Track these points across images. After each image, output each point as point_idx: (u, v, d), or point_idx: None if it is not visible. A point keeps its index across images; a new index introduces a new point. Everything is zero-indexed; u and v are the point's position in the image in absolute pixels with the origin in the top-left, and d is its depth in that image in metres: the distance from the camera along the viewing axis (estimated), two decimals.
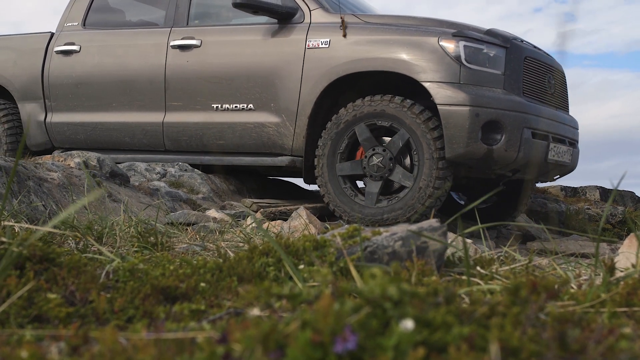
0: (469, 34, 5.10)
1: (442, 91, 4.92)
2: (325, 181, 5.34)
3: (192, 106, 6.03)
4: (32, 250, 1.61)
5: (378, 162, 5.11)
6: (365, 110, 5.18)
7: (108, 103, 6.46)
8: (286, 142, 5.62)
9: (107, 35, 6.68)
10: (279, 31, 5.71)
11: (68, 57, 6.70)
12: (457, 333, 0.88)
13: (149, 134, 6.26)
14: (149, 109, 6.25)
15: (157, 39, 6.32)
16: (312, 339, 0.86)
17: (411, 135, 5.02)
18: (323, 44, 5.44)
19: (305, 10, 5.69)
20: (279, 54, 5.65)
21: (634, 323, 1.33)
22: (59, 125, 6.72)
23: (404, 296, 0.90)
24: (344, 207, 5.24)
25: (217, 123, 5.89)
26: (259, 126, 5.70)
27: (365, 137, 5.18)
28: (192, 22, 6.31)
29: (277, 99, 5.62)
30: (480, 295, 1.54)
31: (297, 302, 1.11)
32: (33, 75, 6.87)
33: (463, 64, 4.97)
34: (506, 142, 4.91)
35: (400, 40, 5.16)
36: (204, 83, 5.96)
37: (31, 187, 3.56)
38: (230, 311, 1.38)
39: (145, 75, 6.25)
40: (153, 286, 1.56)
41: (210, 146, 5.99)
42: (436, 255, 1.92)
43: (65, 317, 1.38)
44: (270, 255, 1.80)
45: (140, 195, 4.98)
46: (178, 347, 1.01)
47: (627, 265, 2.09)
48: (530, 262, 2.06)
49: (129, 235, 2.61)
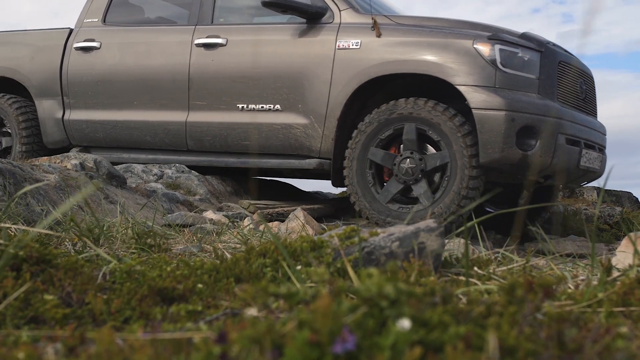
0: (504, 37, 5.03)
1: (477, 95, 4.85)
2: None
3: (216, 106, 5.93)
4: (29, 251, 1.61)
5: (409, 167, 5.03)
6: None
7: (129, 101, 6.36)
8: (314, 144, 5.54)
9: (128, 33, 6.57)
10: (308, 31, 5.63)
11: (88, 53, 6.59)
12: (453, 332, 0.88)
13: (171, 133, 6.15)
14: (172, 107, 6.14)
15: (180, 37, 6.22)
16: (309, 338, 0.86)
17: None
18: (354, 45, 5.36)
19: (335, 10, 5.60)
20: (307, 54, 5.57)
21: (630, 322, 1.34)
22: (78, 122, 6.61)
23: (400, 295, 0.90)
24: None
25: (243, 123, 5.79)
26: (286, 127, 5.61)
27: (409, 138, 5.09)
28: (216, 20, 6.21)
29: (305, 100, 5.53)
30: (477, 295, 1.54)
31: (294, 301, 1.10)
32: (51, 71, 6.76)
33: (498, 67, 4.90)
34: (541, 148, 4.83)
35: (433, 42, 5.09)
36: (230, 82, 5.87)
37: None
38: (228, 312, 1.38)
39: (169, 74, 6.15)
40: (150, 287, 1.56)
41: (235, 147, 5.89)
42: (434, 255, 1.92)
43: (62, 318, 1.38)
44: (268, 256, 1.80)
45: (137, 196, 4.98)
46: (175, 348, 1.01)
47: (624, 266, 2.09)
48: (527, 262, 2.06)
49: (126, 237, 2.61)
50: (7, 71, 7.01)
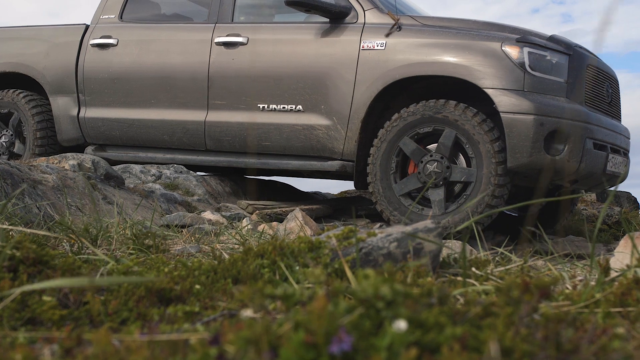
0: (533, 40, 4.94)
1: (505, 98, 4.77)
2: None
3: (236, 105, 5.84)
4: (26, 252, 1.61)
5: (434, 171, 4.95)
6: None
7: (147, 99, 6.26)
8: (337, 145, 5.45)
9: (146, 30, 6.47)
10: (331, 31, 5.54)
11: (105, 50, 6.50)
12: (450, 333, 0.88)
13: (189, 133, 6.07)
14: (191, 106, 6.04)
15: (200, 35, 6.12)
16: (305, 339, 0.86)
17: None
18: (379, 46, 5.27)
19: (359, 10, 5.51)
20: (330, 54, 5.48)
21: (628, 323, 1.34)
22: (93, 120, 6.52)
23: (397, 296, 0.90)
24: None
25: (263, 124, 5.70)
26: (308, 128, 5.52)
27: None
28: (237, 19, 6.12)
29: (328, 101, 5.45)
30: (474, 295, 1.54)
31: (291, 303, 1.10)
32: (66, 68, 6.67)
33: (527, 70, 4.82)
34: (569, 153, 4.77)
35: (460, 44, 5.02)
36: (250, 82, 5.77)
37: (25, 189, 3.55)
38: (225, 313, 1.38)
39: (188, 72, 6.06)
40: (147, 288, 1.56)
41: (255, 147, 5.80)
42: (431, 256, 1.92)
43: (59, 319, 1.37)
44: (265, 256, 1.80)
45: (135, 197, 4.97)
46: (171, 349, 1.01)
47: (622, 266, 2.09)
48: (525, 262, 2.06)
49: (124, 238, 2.61)
50: (21, 67, 6.91)
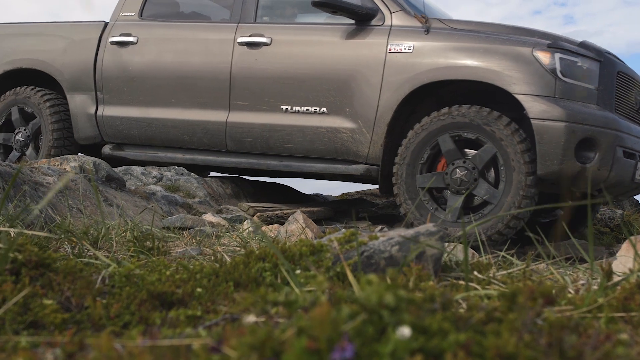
0: (564, 46, 4.86)
1: (536, 105, 4.69)
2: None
3: (258, 106, 5.75)
4: (28, 255, 1.61)
5: (460, 177, 4.88)
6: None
7: (166, 99, 6.18)
8: (361, 149, 5.36)
9: (166, 28, 6.38)
10: (357, 33, 5.46)
11: (124, 48, 6.40)
12: (453, 340, 0.88)
13: (210, 133, 5.98)
14: (212, 107, 5.95)
15: (222, 35, 6.03)
16: (307, 346, 0.85)
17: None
18: (406, 49, 5.18)
19: (386, 13, 5.44)
20: (357, 56, 5.38)
21: (631, 328, 1.33)
22: (111, 119, 6.44)
23: (400, 303, 0.90)
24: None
25: (286, 125, 5.62)
26: (332, 131, 5.44)
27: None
28: (260, 19, 6.03)
29: (353, 104, 5.36)
30: (477, 300, 1.54)
31: (294, 308, 1.10)
32: (84, 65, 6.58)
33: (558, 77, 4.75)
34: (599, 161, 4.69)
35: (490, 48, 4.95)
36: (273, 83, 5.69)
37: (27, 191, 3.55)
38: (227, 317, 1.37)
39: (209, 72, 5.98)
40: (149, 292, 1.55)
41: (277, 149, 5.72)
42: (433, 259, 1.91)
43: (61, 323, 1.37)
44: (267, 260, 1.79)
45: (136, 199, 4.97)
46: (174, 354, 1.01)
47: (625, 270, 2.09)
48: (527, 266, 2.06)
49: (125, 240, 2.61)
50: (38, 63, 6.82)
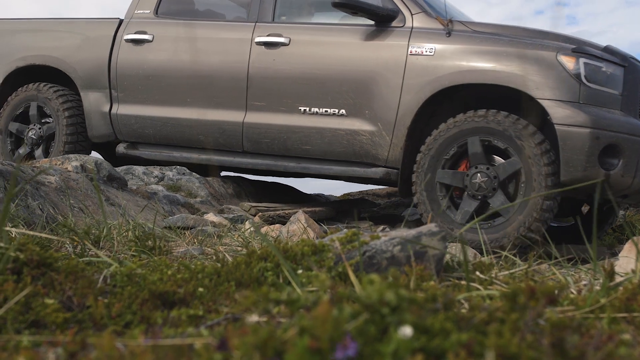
0: (589, 51, 4.82)
1: (560, 110, 4.62)
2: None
3: (276, 107, 5.69)
4: (29, 255, 1.61)
5: (481, 182, 4.80)
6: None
7: (182, 98, 6.11)
8: (381, 152, 5.29)
9: (183, 26, 6.30)
10: (377, 34, 5.39)
11: (139, 46, 6.36)
12: (455, 339, 0.88)
13: (226, 134, 5.92)
14: (228, 107, 5.90)
15: (239, 34, 5.96)
16: (310, 345, 0.85)
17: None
18: (427, 51, 5.10)
19: (407, 14, 5.37)
20: (377, 58, 5.31)
21: (633, 328, 1.33)
22: (126, 117, 6.38)
23: (402, 302, 0.90)
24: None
25: (304, 127, 5.56)
26: (351, 133, 5.37)
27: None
28: (278, 18, 5.96)
29: (373, 107, 5.29)
30: (479, 300, 1.53)
31: (296, 307, 1.10)
32: (99, 63, 6.52)
33: (583, 82, 4.68)
34: (623, 168, 4.62)
35: (513, 52, 4.87)
36: (292, 84, 5.62)
37: (28, 190, 3.55)
38: (229, 317, 1.37)
39: (226, 72, 5.91)
40: (151, 291, 1.55)
41: (294, 151, 5.66)
42: (435, 260, 1.91)
43: (63, 322, 1.37)
44: (269, 260, 1.79)
45: (138, 199, 4.98)
46: (176, 354, 1.01)
47: (627, 270, 2.08)
48: (529, 267, 2.05)
49: (126, 240, 2.61)
50: (52, 60, 6.75)
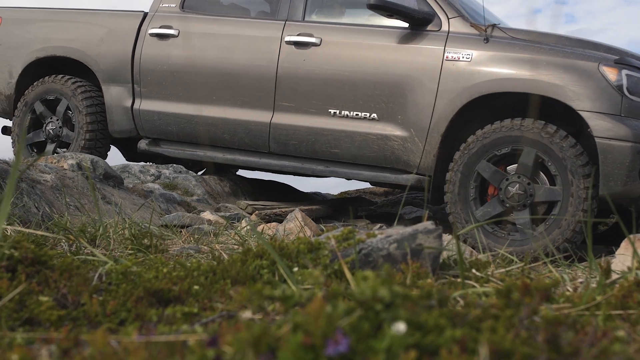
0: (631, 62, 4.72)
1: (601, 123, 4.51)
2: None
3: (305, 109, 5.56)
4: (24, 252, 1.60)
5: (517, 193, 4.70)
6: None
7: (208, 95, 5.96)
8: (412, 158, 5.18)
9: (210, 22, 6.16)
10: (412, 38, 5.27)
11: (164, 41, 6.22)
12: (449, 336, 0.87)
13: (252, 134, 5.79)
14: (255, 106, 5.77)
15: (269, 32, 5.83)
16: (303, 341, 0.85)
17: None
18: (464, 57, 5.01)
19: (443, 18, 5.25)
20: (411, 62, 5.18)
21: (629, 325, 1.33)
22: (149, 113, 6.24)
23: (395, 298, 0.90)
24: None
25: (334, 130, 5.43)
26: (382, 138, 5.25)
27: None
28: (308, 17, 5.84)
29: (406, 112, 5.16)
30: (474, 297, 1.53)
31: (290, 304, 1.10)
32: (122, 56, 6.37)
33: (625, 94, 4.56)
34: None
35: (553, 61, 4.75)
36: (322, 85, 5.49)
37: (24, 188, 3.55)
38: (223, 314, 1.37)
39: (254, 70, 5.78)
40: (146, 289, 1.55)
41: (323, 154, 5.53)
42: (431, 257, 1.91)
43: (57, 320, 1.37)
44: (264, 257, 1.79)
45: (134, 197, 4.97)
46: (169, 350, 1.00)
47: (624, 268, 2.09)
48: (526, 264, 2.05)
49: (122, 238, 2.60)
50: (74, 52, 6.58)
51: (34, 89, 6.68)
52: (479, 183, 4.91)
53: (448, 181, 4.96)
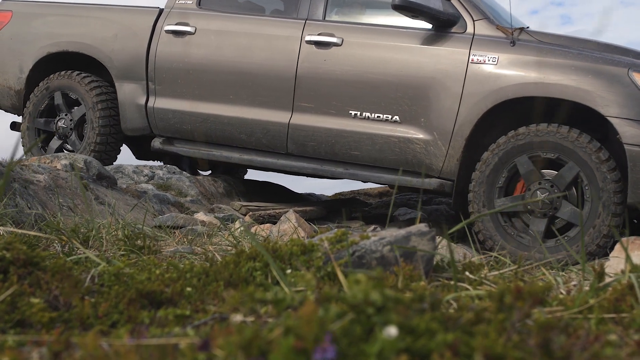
0: None
1: (631, 130, 4.46)
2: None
3: (325, 110, 5.49)
4: (16, 253, 1.60)
5: (544, 198, 4.63)
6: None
7: (225, 94, 5.89)
8: (435, 162, 5.12)
9: (228, 20, 6.08)
10: (436, 39, 5.22)
11: (180, 38, 6.12)
12: (441, 340, 0.87)
13: (270, 134, 5.72)
14: (273, 106, 5.70)
15: (288, 31, 5.75)
16: (294, 345, 0.85)
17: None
18: (490, 60, 4.95)
19: (468, 20, 5.19)
20: (435, 64, 5.13)
21: (621, 329, 1.33)
22: (163, 111, 6.15)
23: (387, 302, 0.89)
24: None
25: (354, 132, 5.37)
26: (404, 141, 5.19)
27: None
28: (329, 17, 5.76)
29: (429, 115, 5.10)
30: (468, 300, 1.53)
31: (282, 307, 1.09)
32: (136, 53, 6.27)
33: None
34: None
35: (582, 66, 4.70)
36: (343, 86, 5.42)
37: (17, 189, 3.53)
38: (216, 316, 1.37)
39: (273, 70, 5.70)
40: (138, 291, 1.55)
41: (342, 156, 5.48)
42: (424, 260, 1.91)
43: (49, 322, 1.36)
44: (258, 259, 1.79)
45: (127, 197, 4.96)
46: (160, 353, 1.00)
47: (617, 271, 2.09)
48: (519, 267, 2.05)
49: (115, 239, 2.60)
50: (86, 48, 6.47)
51: (60, 78, 6.56)
52: (511, 175, 4.86)
53: (482, 161, 4.90)
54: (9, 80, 6.82)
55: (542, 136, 4.71)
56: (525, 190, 4.78)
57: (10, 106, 6.96)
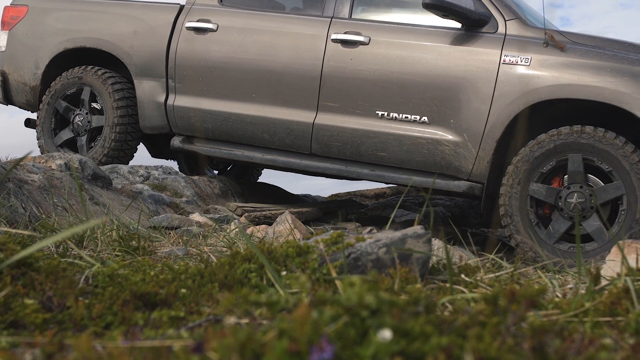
0: None
1: None
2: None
3: (350, 110, 5.41)
4: (10, 254, 1.59)
5: (577, 202, 4.61)
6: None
7: (247, 93, 5.81)
8: (464, 165, 5.04)
9: (250, 17, 6.00)
10: (466, 39, 5.13)
11: (202, 35, 6.04)
12: (435, 343, 0.87)
13: (293, 134, 5.63)
14: (297, 106, 5.61)
15: (314, 30, 5.66)
16: (288, 348, 0.84)
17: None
18: (523, 61, 4.87)
19: (499, 20, 5.11)
20: (465, 65, 5.04)
21: (617, 333, 1.33)
22: (183, 109, 6.06)
23: (382, 305, 0.89)
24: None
25: (381, 133, 5.27)
26: (433, 143, 5.10)
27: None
28: (355, 15, 5.68)
29: (459, 116, 5.02)
30: (463, 303, 1.53)
31: (276, 310, 1.09)
32: (156, 50, 6.19)
33: None
34: None
35: (617, 68, 4.64)
36: (370, 86, 5.33)
37: (11, 189, 3.52)
38: (210, 318, 1.36)
39: (297, 68, 5.61)
40: (132, 292, 1.54)
41: (368, 157, 5.38)
42: (420, 262, 1.91)
43: (42, 323, 1.36)
44: (253, 261, 1.78)
45: (122, 198, 4.95)
46: (154, 356, 0.99)
47: (613, 274, 2.09)
48: (515, 269, 2.05)
49: (110, 239, 2.59)
50: (104, 44, 6.39)
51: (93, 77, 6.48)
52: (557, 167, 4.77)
53: (536, 140, 4.80)
54: (24, 76, 6.74)
55: (605, 145, 4.63)
56: (563, 187, 4.72)
57: (25, 102, 6.87)
